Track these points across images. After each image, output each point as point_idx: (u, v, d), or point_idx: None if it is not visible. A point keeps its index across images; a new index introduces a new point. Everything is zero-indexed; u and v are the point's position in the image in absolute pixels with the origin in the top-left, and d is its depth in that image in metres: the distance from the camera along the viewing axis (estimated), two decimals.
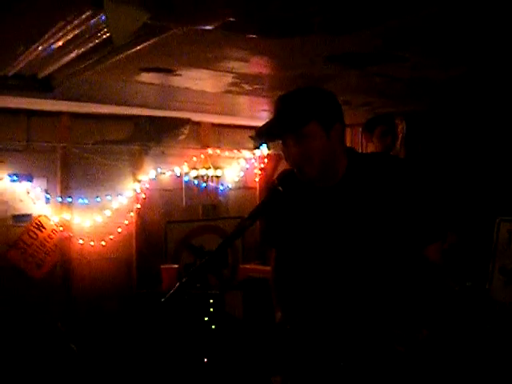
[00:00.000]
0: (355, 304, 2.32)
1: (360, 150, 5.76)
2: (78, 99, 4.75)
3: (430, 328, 2.23)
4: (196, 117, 5.96)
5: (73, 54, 3.18)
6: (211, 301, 5.14)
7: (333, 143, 2.24)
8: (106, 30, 2.67)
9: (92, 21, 2.58)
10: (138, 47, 2.84)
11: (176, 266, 5.65)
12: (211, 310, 5.11)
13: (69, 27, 2.67)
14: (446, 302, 2.19)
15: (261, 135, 2.42)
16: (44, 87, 4.00)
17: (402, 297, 2.29)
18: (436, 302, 2.28)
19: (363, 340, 2.30)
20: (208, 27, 2.50)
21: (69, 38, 2.88)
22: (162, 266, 5.55)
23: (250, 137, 6.51)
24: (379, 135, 4.73)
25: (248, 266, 6.28)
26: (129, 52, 2.94)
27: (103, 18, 2.39)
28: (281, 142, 2.28)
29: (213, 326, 5.10)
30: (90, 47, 3.02)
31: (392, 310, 2.29)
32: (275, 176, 2.45)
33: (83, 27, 2.67)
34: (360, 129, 5.64)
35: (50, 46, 3.04)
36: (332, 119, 2.24)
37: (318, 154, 2.21)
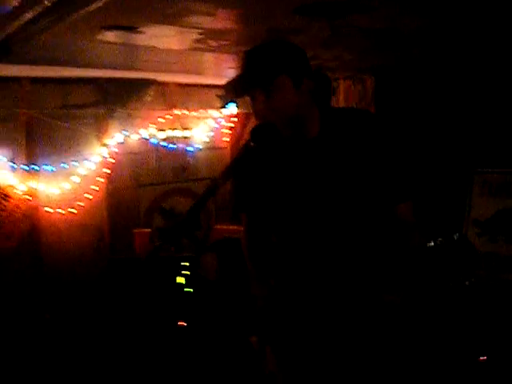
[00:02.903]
0: (334, 260, 2.29)
1: None
2: (38, 62, 4.59)
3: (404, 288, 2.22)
4: (162, 77, 5.81)
5: (29, 15, 3.04)
6: (187, 264, 5.07)
7: (303, 98, 2.18)
8: None
9: None
10: (98, 3, 2.72)
11: (148, 230, 5.58)
12: (187, 272, 5.05)
13: None
14: (419, 260, 2.17)
15: (228, 91, 2.33)
16: (2, 51, 3.84)
17: (379, 254, 2.26)
18: (409, 260, 2.26)
19: (344, 298, 2.27)
20: None
21: None
22: (134, 231, 5.47)
23: (218, 95, 6.44)
24: None
25: (222, 227, 6.23)
26: (88, 9, 2.81)
27: None
28: (249, 98, 2.21)
29: (190, 290, 5.05)
30: (48, 6, 2.88)
31: (370, 266, 2.27)
32: (245, 134, 2.40)
33: None
34: None
35: (3, 6, 2.90)
36: (301, 73, 2.18)
37: (287, 108, 2.15)
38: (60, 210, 5.35)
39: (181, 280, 4.92)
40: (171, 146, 6.11)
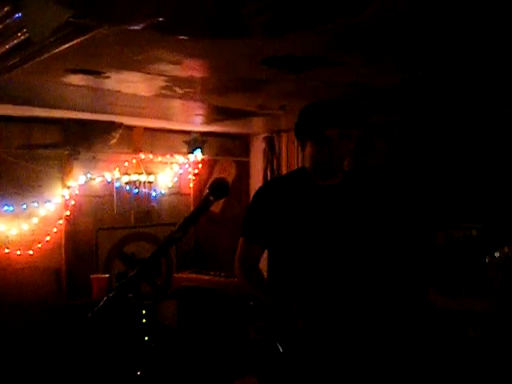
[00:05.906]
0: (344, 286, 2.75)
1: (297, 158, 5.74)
2: (3, 101, 4.53)
3: None
4: (128, 120, 5.75)
5: None
6: (144, 311, 4.98)
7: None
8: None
9: (11, 18, 2.41)
10: (63, 47, 2.67)
11: (107, 275, 5.47)
12: (144, 320, 4.96)
13: None
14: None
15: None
16: None
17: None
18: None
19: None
20: (136, 27, 2.37)
21: None
22: (92, 276, 5.36)
23: (185, 141, 6.41)
24: None
25: (182, 275, 6.14)
26: (53, 52, 2.77)
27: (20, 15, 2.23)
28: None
29: (146, 338, 4.95)
30: (12, 46, 2.84)
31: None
32: (208, 183, 2.47)
33: (2, 25, 2.50)
34: None
35: None
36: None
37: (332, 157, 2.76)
38: (18, 252, 5.22)
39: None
40: (135, 190, 6.04)
